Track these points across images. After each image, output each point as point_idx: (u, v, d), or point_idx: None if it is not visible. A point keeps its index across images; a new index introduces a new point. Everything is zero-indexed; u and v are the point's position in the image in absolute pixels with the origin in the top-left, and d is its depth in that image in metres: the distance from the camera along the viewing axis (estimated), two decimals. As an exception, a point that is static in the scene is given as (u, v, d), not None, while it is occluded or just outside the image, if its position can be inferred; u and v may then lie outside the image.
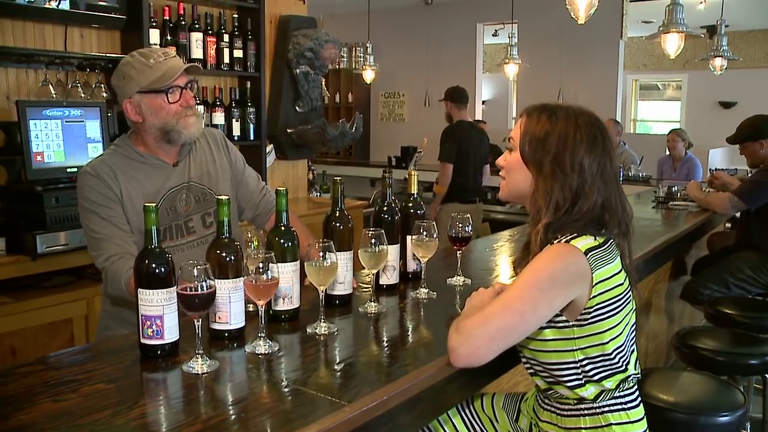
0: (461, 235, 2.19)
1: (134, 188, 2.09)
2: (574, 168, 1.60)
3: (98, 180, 2.05)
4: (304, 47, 4.57)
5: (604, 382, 1.62)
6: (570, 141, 1.61)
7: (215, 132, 2.41)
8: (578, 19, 3.42)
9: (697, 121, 11.26)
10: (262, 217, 2.39)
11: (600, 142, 1.63)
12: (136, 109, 2.08)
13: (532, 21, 8.48)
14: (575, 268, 1.54)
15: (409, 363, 1.57)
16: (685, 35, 4.45)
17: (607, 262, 1.58)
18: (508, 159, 1.73)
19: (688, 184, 4.56)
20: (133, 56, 2.10)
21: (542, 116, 1.67)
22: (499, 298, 1.56)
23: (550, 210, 1.62)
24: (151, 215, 1.51)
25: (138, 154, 2.15)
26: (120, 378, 1.44)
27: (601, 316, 1.58)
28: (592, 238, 1.58)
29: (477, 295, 1.71)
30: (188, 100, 2.12)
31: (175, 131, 2.10)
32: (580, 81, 8.34)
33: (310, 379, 1.49)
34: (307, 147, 4.85)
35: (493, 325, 1.51)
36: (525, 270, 1.58)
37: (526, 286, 1.54)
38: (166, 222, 2.12)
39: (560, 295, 1.54)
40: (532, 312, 1.52)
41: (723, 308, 3.32)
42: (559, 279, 1.54)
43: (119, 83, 2.11)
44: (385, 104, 10.39)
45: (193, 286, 1.45)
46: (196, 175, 2.22)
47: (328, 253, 1.70)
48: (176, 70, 2.07)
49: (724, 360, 2.70)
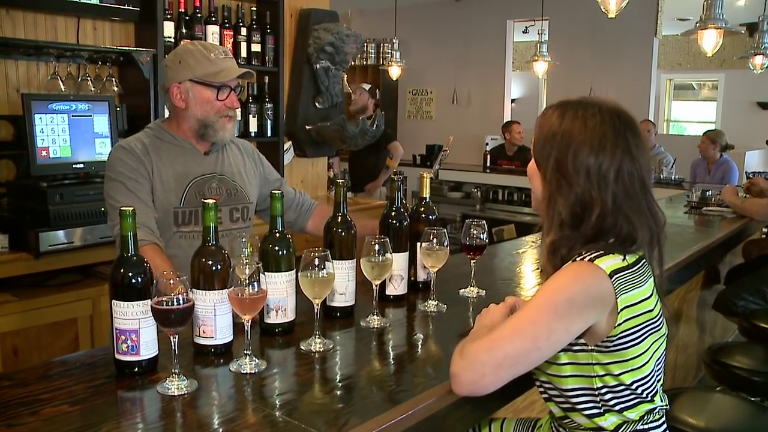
0: (476, 243, 2.03)
1: (164, 166, 2.12)
2: (579, 172, 1.42)
3: (130, 153, 2.09)
4: (325, 41, 4.44)
5: (627, 412, 1.46)
6: (573, 141, 1.43)
7: (248, 143, 2.45)
8: (609, 12, 3.24)
9: (733, 122, 10.91)
10: (304, 216, 2.45)
11: (611, 138, 1.42)
12: (183, 95, 2.13)
13: (564, 18, 8.26)
14: (596, 290, 1.37)
15: (408, 388, 1.42)
16: (723, 32, 4.22)
17: (636, 286, 1.41)
18: (530, 165, 1.57)
19: (723, 189, 4.33)
20: (195, 45, 2.19)
21: (553, 115, 1.49)
22: (510, 320, 1.39)
23: (555, 225, 1.45)
24: (128, 220, 1.38)
25: (171, 136, 2.18)
26: (88, 398, 1.31)
27: (626, 344, 1.41)
28: (621, 258, 1.40)
29: (487, 314, 1.55)
30: (234, 102, 2.18)
31: (212, 128, 2.15)
32: (612, 80, 8.10)
33: (297, 404, 1.35)
34: (326, 144, 4.71)
35: (501, 351, 1.34)
36: (541, 289, 1.41)
37: (540, 308, 1.36)
38: (194, 205, 2.14)
39: (579, 319, 1.36)
40: (547, 338, 1.35)
41: (759, 322, 3.13)
42: (578, 302, 1.36)
43: (173, 66, 2.14)
44: (412, 101, 10.23)
45: (169, 300, 1.32)
46: (228, 170, 2.26)
47: (326, 262, 1.56)
48: (234, 71, 2.15)
49: (760, 380, 2.51)
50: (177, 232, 2.12)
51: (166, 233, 2.10)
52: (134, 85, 3.56)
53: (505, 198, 7.68)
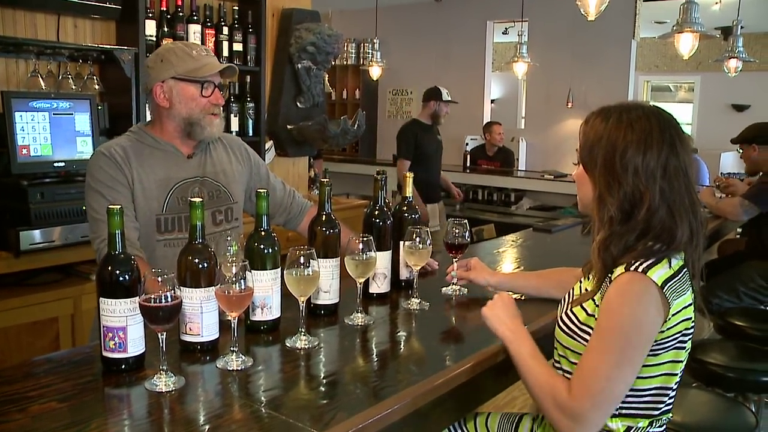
0: (458, 242, 2.07)
1: (146, 173, 2.08)
2: (627, 170, 1.47)
3: (110, 160, 2.05)
4: (306, 41, 4.44)
5: (639, 419, 1.52)
6: (620, 142, 1.48)
7: (235, 139, 2.42)
8: (588, 15, 3.28)
9: (709, 123, 11.07)
10: (296, 219, 2.43)
11: (657, 136, 1.47)
12: (166, 94, 2.10)
13: (543, 19, 8.32)
14: (656, 307, 1.42)
15: (392, 384, 1.44)
16: (699, 35, 4.30)
17: (681, 294, 1.46)
18: (577, 172, 1.63)
19: (701, 192, 4.40)
20: (176, 44, 2.19)
21: (596, 120, 1.55)
22: (599, 367, 1.42)
23: (605, 223, 1.51)
24: (115, 218, 1.39)
25: (153, 139, 2.14)
26: (76, 395, 1.32)
27: (664, 350, 1.48)
28: (668, 266, 1.45)
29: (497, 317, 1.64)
30: (218, 98, 2.15)
31: (199, 125, 2.12)
32: (590, 81, 8.18)
33: (283, 400, 1.37)
34: (307, 144, 4.71)
35: (606, 403, 1.42)
36: (607, 323, 1.44)
37: (618, 350, 1.41)
38: (176, 212, 2.11)
39: (650, 337, 1.44)
40: (632, 371, 1.44)
41: (733, 319, 3.20)
42: (646, 326, 1.42)
43: (155, 65, 2.11)
44: (392, 101, 10.23)
45: (157, 297, 1.33)
46: (211, 171, 2.22)
47: (311, 260, 1.58)
48: (216, 66, 2.12)
49: (734, 376, 2.57)
50: (160, 240, 2.08)
51: (149, 242, 2.07)
52: (115, 83, 3.53)
53: (485, 198, 7.74)
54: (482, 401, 1.76)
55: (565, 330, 1.56)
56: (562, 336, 1.58)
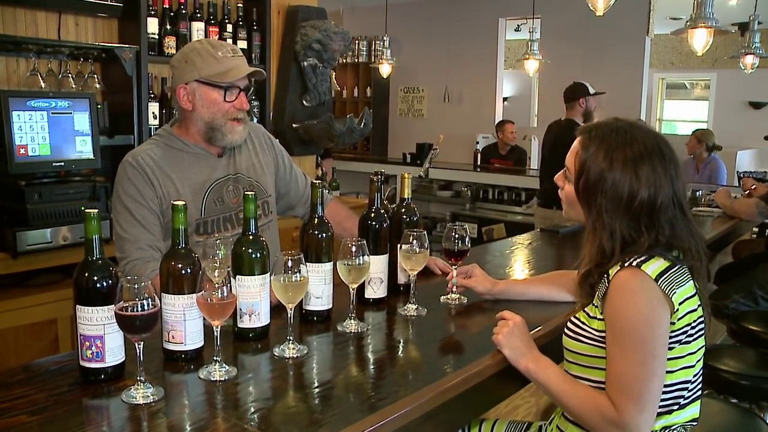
0: (458, 249, 1.98)
1: (180, 181, 2.03)
2: (633, 219, 1.49)
3: (138, 173, 1.99)
4: (312, 39, 4.38)
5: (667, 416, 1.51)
6: (624, 188, 1.48)
7: (258, 126, 2.36)
8: (597, 10, 3.19)
9: (725, 121, 10.89)
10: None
11: (661, 179, 1.48)
12: (189, 96, 2.03)
13: (555, 16, 8.22)
14: (657, 298, 1.43)
15: (386, 395, 1.37)
16: (714, 31, 4.19)
17: (680, 285, 1.45)
18: (566, 190, 1.63)
19: (717, 192, 4.30)
20: (201, 43, 2.08)
21: (598, 154, 1.52)
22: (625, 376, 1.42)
23: (595, 256, 1.54)
24: (92, 223, 1.33)
25: (182, 143, 2.09)
26: (49, 407, 1.26)
27: (677, 342, 1.47)
28: (662, 260, 1.45)
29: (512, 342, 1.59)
30: (243, 104, 2.07)
31: (220, 132, 2.06)
32: (603, 79, 8.04)
33: (269, 413, 1.30)
34: (313, 143, 4.65)
35: (649, 403, 1.42)
36: (617, 325, 1.45)
37: (635, 348, 1.42)
38: (215, 214, 2.07)
39: (662, 328, 1.43)
40: (659, 364, 1.43)
41: (749, 324, 3.10)
42: (653, 318, 1.42)
43: (179, 66, 2.05)
44: (403, 99, 10.16)
45: (133, 305, 1.27)
46: (243, 167, 2.18)
47: (300, 266, 1.52)
48: (242, 70, 2.03)
49: (748, 384, 2.48)
50: (199, 241, 2.01)
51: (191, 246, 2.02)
52: (117, 82, 3.50)
53: (496, 197, 7.66)
54: (482, 411, 1.69)
55: (572, 336, 1.57)
56: (570, 342, 1.58)
